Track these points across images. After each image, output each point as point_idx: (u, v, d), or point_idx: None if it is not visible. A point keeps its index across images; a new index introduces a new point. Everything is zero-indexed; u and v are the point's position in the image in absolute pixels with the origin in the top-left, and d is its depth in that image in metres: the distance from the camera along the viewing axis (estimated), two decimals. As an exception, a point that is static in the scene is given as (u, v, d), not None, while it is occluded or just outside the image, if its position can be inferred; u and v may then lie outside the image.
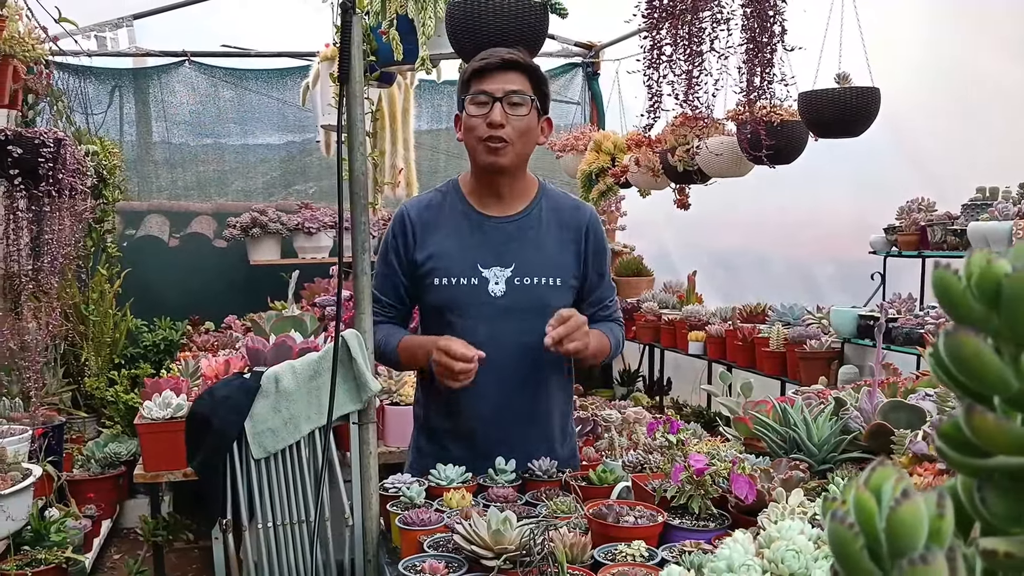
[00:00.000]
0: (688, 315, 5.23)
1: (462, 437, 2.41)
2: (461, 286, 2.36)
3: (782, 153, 3.64)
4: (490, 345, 2.29)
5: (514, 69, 2.30)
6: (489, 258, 2.37)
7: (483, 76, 2.30)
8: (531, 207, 2.45)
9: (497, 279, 2.35)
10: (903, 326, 3.62)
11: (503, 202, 2.43)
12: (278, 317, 4.48)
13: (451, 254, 2.38)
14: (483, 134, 2.29)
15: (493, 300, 2.35)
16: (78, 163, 4.01)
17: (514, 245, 2.39)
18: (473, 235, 2.40)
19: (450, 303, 2.37)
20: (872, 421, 1.96)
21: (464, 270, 2.36)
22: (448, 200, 2.47)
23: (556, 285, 2.39)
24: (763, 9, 2.34)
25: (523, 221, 2.42)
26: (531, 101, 2.31)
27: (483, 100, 2.29)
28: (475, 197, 2.45)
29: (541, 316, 2.27)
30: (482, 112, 2.29)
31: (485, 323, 2.34)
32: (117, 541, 5.07)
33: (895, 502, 0.48)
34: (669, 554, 1.66)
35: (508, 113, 2.28)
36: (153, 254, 6.36)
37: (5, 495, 2.95)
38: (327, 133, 5.10)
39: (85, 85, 6.23)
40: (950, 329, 0.52)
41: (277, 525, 2.38)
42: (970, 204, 3.62)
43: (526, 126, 2.32)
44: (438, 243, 2.40)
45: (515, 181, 2.42)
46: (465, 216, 2.43)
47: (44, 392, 4.65)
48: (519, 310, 2.35)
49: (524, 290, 2.36)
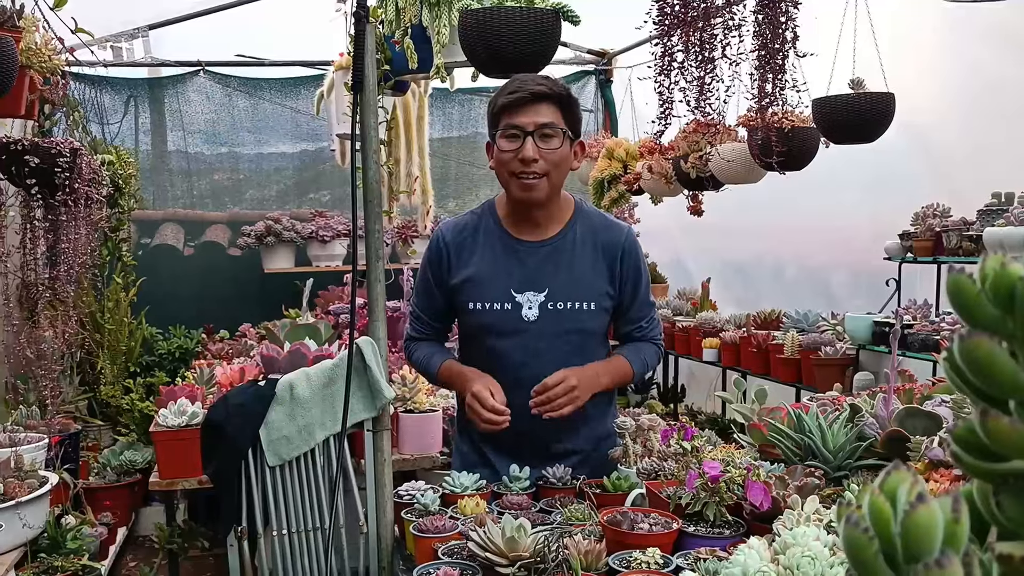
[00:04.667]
0: (702, 322, 5.22)
1: (503, 453, 2.44)
2: (495, 311, 2.38)
3: (793, 159, 3.64)
4: (526, 368, 2.34)
5: (544, 100, 2.28)
6: (523, 283, 2.38)
7: (513, 110, 2.27)
8: (565, 230, 2.44)
9: (531, 304, 2.37)
10: (918, 332, 3.60)
11: (538, 227, 2.43)
12: (292, 325, 4.50)
13: (485, 279, 2.40)
14: (516, 169, 2.29)
15: (527, 325, 2.37)
16: (94, 172, 4.03)
17: (548, 269, 2.39)
18: (507, 260, 2.41)
19: (485, 327, 2.40)
20: (888, 428, 1.95)
21: (497, 295, 2.38)
22: (483, 223, 2.47)
23: (589, 309, 2.40)
24: (775, 15, 2.34)
25: (557, 244, 2.42)
26: (563, 133, 2.29)
27: (514, 134, 2.27)
28: (509, 221, 2.45)
29: (574, 340, 2.33)
30: (514, 147, 2.27)
31: (520, 347, 2.37)
32: (133, 549, 5.09)
33: (910, 506, 0.48)
34: (684, 561, 1.65)
35: (540, 147, 2.26)
36: (168, 263, 6.39)
37: (23, 502, 2.96)
38: (341, 142, 5.11)
39: (101, 95, 6.27)
40: (965, 333, 0.51)
41: (292, 532, 2.38)
42: (986, 210, 3.60)
43: (559, 158, 2.30)
44: (473, 267, 2.42)
45: (550, 209, 2.42)
46: (500, 240, 2.43)
47: (60, 400, 4.67)
48: (553, 334, 2.37)
49: (557, 314, 2.37)
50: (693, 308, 5.64)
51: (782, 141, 3.28)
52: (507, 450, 2.42)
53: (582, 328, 2.39)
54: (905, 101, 3.50)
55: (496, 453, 2.46)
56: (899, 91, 3.46)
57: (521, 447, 2.39)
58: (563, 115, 2.31)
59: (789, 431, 2.10)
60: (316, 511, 2.42)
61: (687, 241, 6.54)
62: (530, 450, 2.39)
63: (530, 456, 2.37)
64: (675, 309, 5.72)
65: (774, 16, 2.34)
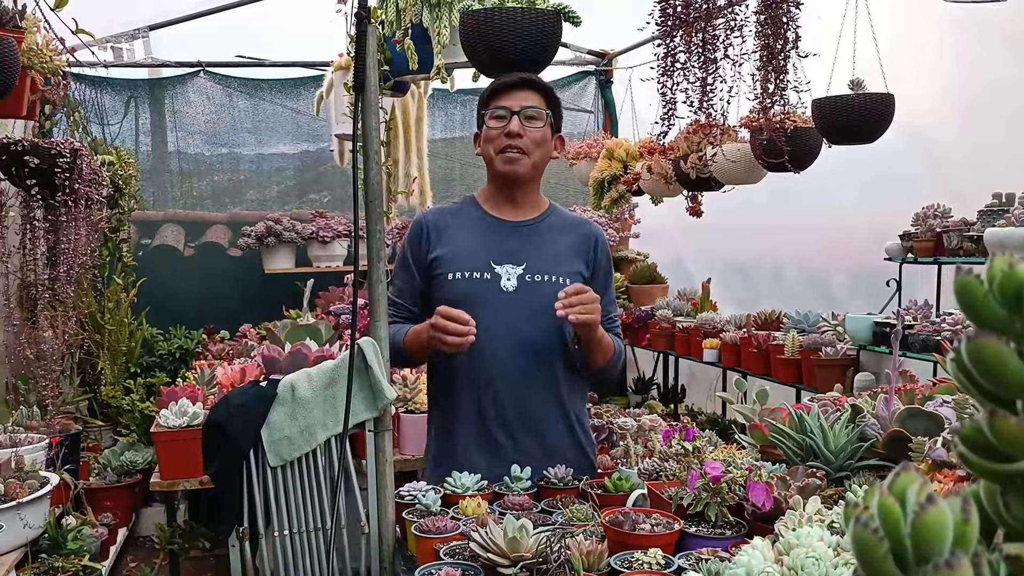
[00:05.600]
0: (702, 322, 5.21)
1: (473, 431, 2.46)
2: (474, 279, 2.46)
3: (795, 159, 3.64)
4: (500, 339, 2.41)
5: (530, 88, 2.48)
6: (502, 256, 2.49)
7: (501, 94, 2.47)
8: (543, 216, 2.59)
9: (509, 275, 2.46)
10: (919, 333, 3.60)
11: (518, 208, 2.57)
12: (293, 326, 4.50)
13: (465, 251, 2.50)
14: (502, 144, 2.45)
15: (505, 295, 2.45)
16: (94, 173, 4.04)
17: (526, 245, 2.51)
18: (487, 235, 2.53)
19: (463, 296, 2.43)
20: (889, 428, 1.95)
21: (477, 265, 2.47)
22: (464, 208, 2.62)
23: (565, 283, 2.43)
24: (777, 16, 2.35)
25: (536, 225, 2.56)
26: (546, 116, 2.47)
27: (502, 114, 2.45)
28: (490, 205, 2.58)
29: (551, 312, 2.34)
30: (500, 125, 2.45)
31: (496, 317, 2.42)
32: (133, 549, 5.09)
33: (920, 507, 0.48)
34: (685, 562, 1.65)
35: (525, 125, 2.44)
36: (168, 263, 6.39)
37: (23, 503, 2.96)
38: (341, 142, 5.12)
39: (101, 96, 6.27)
40: (972, 333, 0.51)
41: (293, 533, 2.38)
42: (986, 210, 3.60)
43: (542, 137, 2.48)
44: (453, 241, 2.52)
45: (529, 191, 2.57)
46: (480, 220, 2.56)
47: (61, 401, 4.68)
48: (529, 305, 2.44)
49: (535, 286, 2.46)
50: (693, 309, 5.63)
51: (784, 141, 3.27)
52: (477, 435, 2.46)
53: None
54: (905, 102, 3.50)
55: (467, 436, 2.47)
56: (899, 91, 3.47)
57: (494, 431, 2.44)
58: (546, 103, 2.48)
59: (791, 432, 2.10)
60: (317, 512, 2.42)
61: (687, 241, 6.54)
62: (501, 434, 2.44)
63: (502, 439, 2.43)
64: (675, 310, 5.71)
65: (776, 16, 2.34)
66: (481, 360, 2.41)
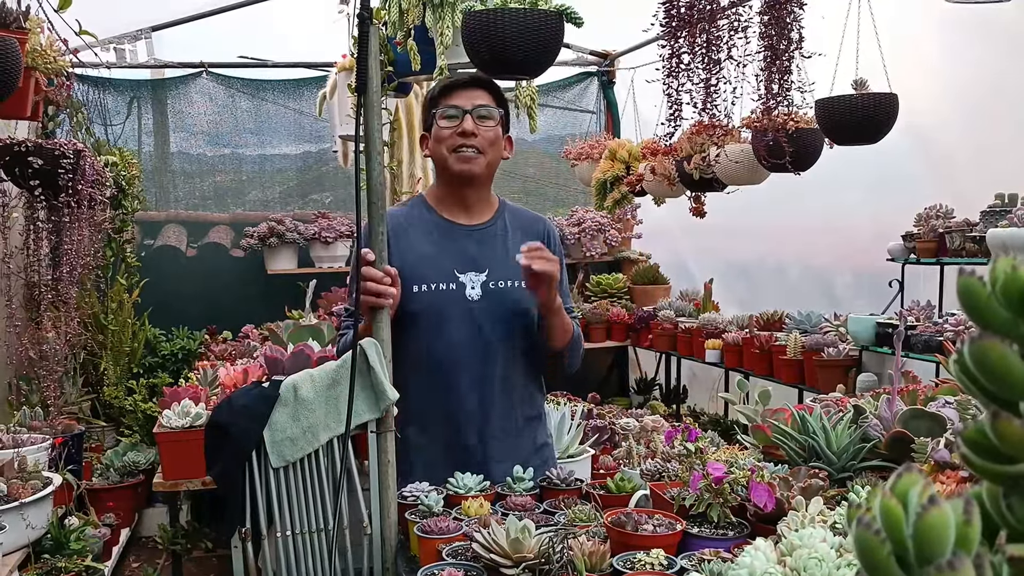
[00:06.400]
0: (705, 323, 5.22)
1: (440, 440, 2.46)
2: (441, 291, 2.43)
3: (797, 160, 3.64)
4: (468, 347, 2.42)
5: (480, 87, 2.46)
6: (464, 263, 2.47)
7: (451, 93, 2.45)
8: (495, 218, 2.57)
9: (473, 284, 2.45)
10: (922, 334, 3.60)
11: (470, 211, 2.54)
12: (295, 326, 4.50)
13: (427, 261, 2.46)
14: (455, 143, 2.42)
15: (470, 303, 2.44)
16: (97, 174, 4.04)
17: (486, 250, 2.49)
18: (446, 242, 2.49)
19: (429, 308, 2.43)
20: (892, 429, 1.95)
21: (442, 276, 2.44)
22: (416, 211, 2.57)
23: (527, 288, 2.42)
24: (781, 16, 2.34)
25: (490, 230, 2.54)
26: (498, 115, 2.46)
27: (453, 113, 2.42)
28: (442, 207, 2.55)
29: (515, 318, 2.42)
30: (453, 124, 2.42)
31: (463, 327, 2.42)
32: (136, 550, 5.09)
33: (922, 508, 0.48)
34: (688, 562, 1.65)
35: (478, 124, 2.41)
36: (171, 264, 6.39)
37: (26, 503, 2.97)
38: (344, 143, 5.12)
39: (104, 96, 6.28)
40: (975, 335, 0.51)
41: (296, 534, 2.38)
42: (989, 211, 3.60)
43: (494, 136, 2.45)
44: (412, 252, 2.46)
45: (481, 193, 2.54)
46: (435, 224, 2.52)
47: (63, 401, 4.68)
48: (494, 312, 2.44)
49: (499, 293, 2.46)
50: (696, 309, 5.64)
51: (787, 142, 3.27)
52: (444, 446, 2.45)
53: (523, 308, 2.47)
54: (908, 102, 3.50)
55: (435, 445, 2.46)
56: (902, 92, 3.46)
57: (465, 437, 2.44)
58: (497, 103, 2.46)
59: (793, 432, 2.10)
60: (320, 512, 2.42)
61: (689, 242, 6.54)
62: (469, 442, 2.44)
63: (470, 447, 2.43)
64: (678, 310, 5.71)
65: (780, 17, 2.34)
66: (449, 368, 2.42)
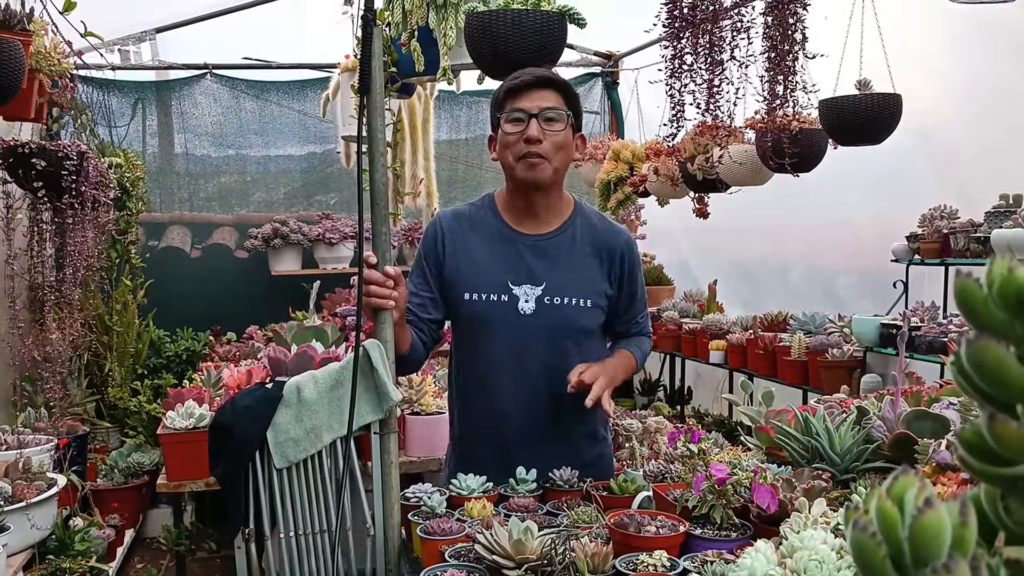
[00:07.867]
0: (709, 324, 5.21)
1: (490, 453, 2.41)
2: (491, 302, 2.36)
3: (801, 161, 3.63)
4: (517, 363, 2.34)
5: (548, 87, 2.31)
6: (520, 276, 2.37)
7: (517, 95, 2.30)
8: (565, 226, 2.43)
9: (527, 297, 2.35)
10: (926, 335, 3.59)
11: (538, 220, 2.42)
12: (299, 327, 4.50)
13: (481, 269, 2.38)
14: (520, 151, 2.28)
15: (522, 317, 2.35)
16: (101, 175, 4.05)
17: (546, 263, 2.38)
18: (505, 250, 2.40)
19: (479, 318, 2.38)
20: (895, 430, 1.95)
21: (494, 286, 2.36)
22: (482, 214, 2.46)
23: (586, 306, 2.38)
24: (784, 17, 2.34)
25: (557, 239, 2.41)
26: (567, 117, 2.31)
27: (519, 117, 2.28)
28: (510, 214, 2.44)
29: (569, 336, 2.31)
30: (518, 129, 2.28)
31: (513, 340, 2.35)
32: (140, 550, 5.10)
33: (918, 511, 0.48)
34: (691, 564, 1.65)
35: (544, 129, 2.28)
36: (175, 265, 6.41)
37: (31, 504, 2.97)
38: (347, 144, 5.13)
39: (108, 98, 6.29)
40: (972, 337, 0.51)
41: (299, 535, 2.38)
42: (993, 212, 3.59)
43: (563, 140, 2.31)
44: (469, 255, 2.40)
45: (551, 198, 2.41)
46: (498, 232, 2.42)
47: (68, 402, 4.69)
48: (547, 329, 2.35)
49: (553, 309, 2.35)
50: (700, 310, 5.63)
51: (790, 142, 3.27)
52: (494, 457, 2.39)
53: (578, 326, 2.37)
54: (911, 102, 3.49)
55: (485, 457, 2.41)
56: (906, 92, 3.46)
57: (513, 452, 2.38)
58: (565, 102, 2.32)
59: (796, 433, 2.10)
60: (323, 513, 2.42)
61: (693, 243, 6.54)
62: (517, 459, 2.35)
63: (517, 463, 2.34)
64: (682, 311, 5.71)
65: (783, 17, 2.34)
66: (492, 380, 2.38)
